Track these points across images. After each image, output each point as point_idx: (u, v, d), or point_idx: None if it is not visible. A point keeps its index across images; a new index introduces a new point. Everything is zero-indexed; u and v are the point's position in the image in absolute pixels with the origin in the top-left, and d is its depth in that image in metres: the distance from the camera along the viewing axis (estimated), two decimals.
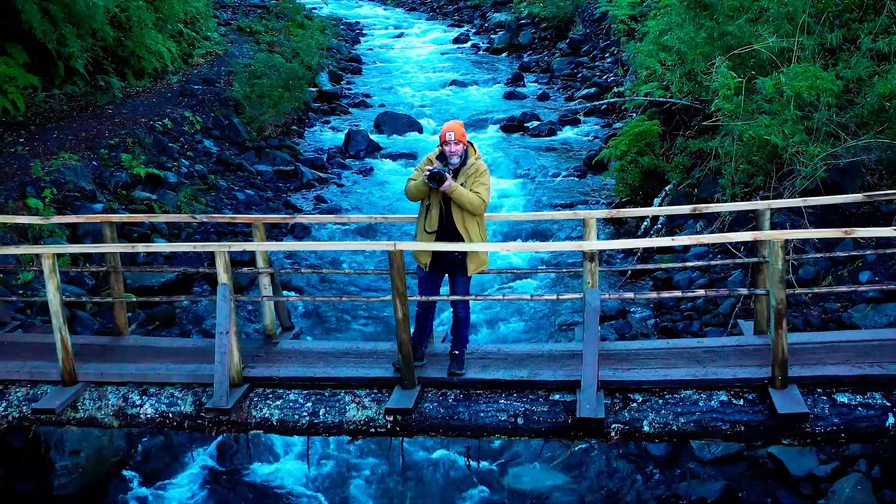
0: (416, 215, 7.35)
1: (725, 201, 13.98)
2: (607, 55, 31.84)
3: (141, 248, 7.62)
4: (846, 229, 6.85)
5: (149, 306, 12.76)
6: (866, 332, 8.35)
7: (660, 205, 15.81)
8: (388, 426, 7.07)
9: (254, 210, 18.51)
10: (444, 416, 7.07)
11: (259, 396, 7.31)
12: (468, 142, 7.16)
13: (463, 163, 7.06)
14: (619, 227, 17.18)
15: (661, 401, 6.86)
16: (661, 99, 17.86)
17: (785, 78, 13.54)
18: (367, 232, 16.60)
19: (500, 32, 42.47)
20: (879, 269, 11.44)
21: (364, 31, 47.56)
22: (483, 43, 42.25)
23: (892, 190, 9.73)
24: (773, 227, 12.77)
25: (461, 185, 6.98)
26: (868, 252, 10.93)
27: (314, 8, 49.31)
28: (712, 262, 9.41)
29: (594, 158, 20.11)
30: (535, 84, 32.43)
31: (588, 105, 25.44)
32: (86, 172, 16.64)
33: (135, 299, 8.73)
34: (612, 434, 6.78)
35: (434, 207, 7.11)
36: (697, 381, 6.91)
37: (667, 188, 16.40)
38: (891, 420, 6.50)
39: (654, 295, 7.70)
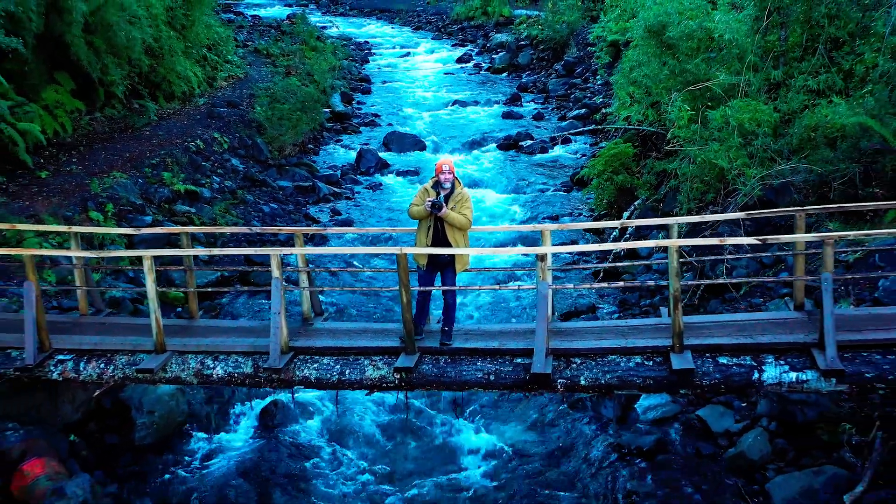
0: (416, 228, 9.96)
1: (683, 214, 16.48)
2: (598, 77, 34.32)
3: (216, 251, 10.19)
4: (721, 238, 9.41)
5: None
6: (746, 315, 10.94)
7: (628, 217, 18.33)
8: (396, 382, 9.65)
9: (278, 221, 21.10)
10: (436, 375, 9.62)
11: (301, 361, 9.90)
12: (455, 176, 9.76)
13: (451, 191, 9.66)
14: (599, 236, 19.61)
15: (593, 363, 9.41)
16: (629, 126, 20.40)
17: (731, 111, 16.08)
18: (377, 239, 19.15)
19: (501, 53, 44.97)
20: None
21: (372, 51, 49.95)
22: (485, 63, 44.74)
23: (779, 208, 12.03)
24: (715, 235, 15.37)
25: (451, 208, 9.57)
26: (786, 254, 13.44)
27: (324, 27, 51.94)
28: (636, 262, 11.87)
29: (576, 176, 22.67)
30: (532, 104, 34.92)
31: (570, 131, 27.92)
32: (134, 189, 19.22)
33: (210, 290, 11.30)
34: (558, 386, 9.34)
35: (432, 225, 9.70)
36: (620, 348, 9.46)
37: (636, 203, 18.94)
38: (756, 375, 9.03)
39: (587, 285, 10.28)
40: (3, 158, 18.57)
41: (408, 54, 48.86)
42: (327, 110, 31.59)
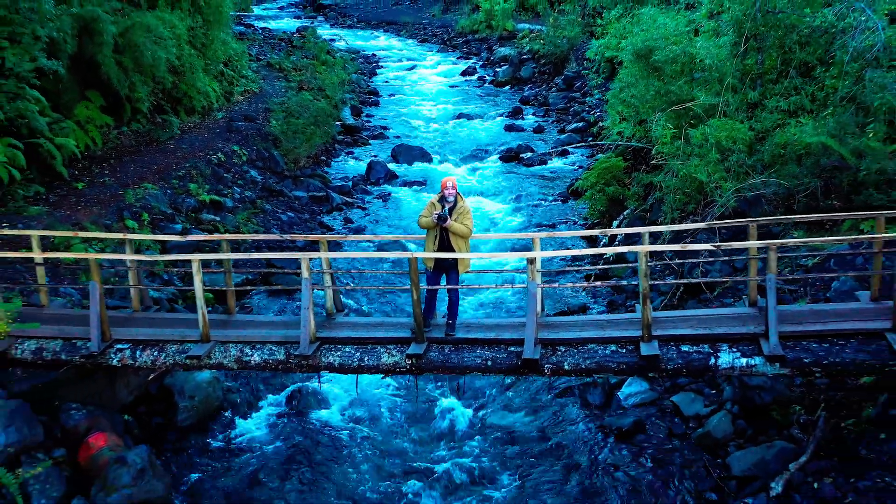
0: (424, 235, 11.63)
1: (667, 223, 18.06)
2: (596, 92, 35.87)
3: (256, 256, 11.85)
4: (682, 244, 11.06)
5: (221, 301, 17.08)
6: (706, 310, 12.65)
7: (618, 226, 19.97)
8: (408, 367, 11.30)
9: (295, 229, 22.76)
10: (442, 361, 11.28)
11: (326, 349, 11.56)
12: (458, 192, 11.43)
13: (455, 204, 11.33)
14: (591, 243, 21.21)
15: (575, 350, 11.05)
16: (619, 142, 22.07)
17: (710, 129, 17.69)
18: (389, 246, 20.78)
19: (504, 66, 46.52)
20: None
21: (380, 64, 51.44)
22: (488, 76, 46.29)
23: (742, 219, 13.68)
24: (696, 241, 16.98)
25: (455, 220, 11.25)
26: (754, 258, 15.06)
27: (332, 40, 53.60)
28: (615, 266, 13.50)
29: (571, 187, 24.35)
30: (533, 117, 36.48)
31: (567, 146, 29.58)
32: (164, 199, 20.90)
33: (249, 289, 13.01)
34: (545, 370, 10.98)
35: (438, 234, 11.38)
36: (599, 338, 11.12)
37: (625, 212, 20.58)
38: (712, 361, 10.65)
39: (570, 285, 11.93)
40: (42, 171, 20.19)
41: (414, 67, 50.32)
42: (338, 123, 33.21)
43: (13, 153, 18.72)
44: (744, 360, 10.58)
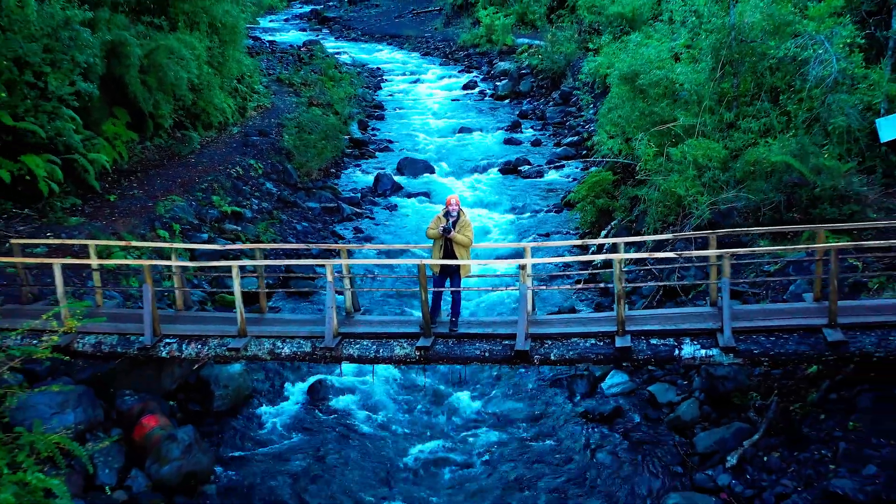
0: (430, 245, 13.52)
1: (649, 233, 19.93)
2: (591, 106, 37.65)
3: (285, 262, 13.74)
4: (651, 253, 12.94)
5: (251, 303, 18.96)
6: (673, 309, 14.54)
7: (605, 236, 21.83)
8: (417, 358, 13.16)
9: (309, 238, 24.62)
10: (446, 352, 13.15)
11: (347, 343, 13.43)
12: (460, 207, 13.32)
13: (457, 218, 13.22)
14: (583, 250, 23.05)
15: (560, 343, 12.92)
16: (608, 159, 23.95)
17: (688, 148, 19.56)
18: (397, 253, 22.54)
19: (504, 81, 48.26)
20: (739, 276, 17.37)
21: (385, 77, 53.15)
22: (489, 90, 48.02)
23: (714, 229, 15.60)
24: (673, 250, 18.82)
25: (457, 232, 13.12)
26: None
27: (337, 53, 55.45)
28: (602, 271, 15.33)
29: (565, 199, 26.25)
30: (531, 130, 38.23)
31: (561, 160, 31.46)
32: (190, 210, 22.74)
33: (279, 290, 14.92)
34: (535, 360, 12.84)
35: (443, 243, 13.26)
36: (580, 333, 12.99)
37: (612, 223, 22.45)
38: (676, 352, 12.51)
39: (555, 287, 13.79)
40: (76, 184, 22.01)
41: (417, 81, 52.05)
42: (347, 137, 34.99)
43: (52, 168, 20.52)
44: (703, 352, 12.45)
